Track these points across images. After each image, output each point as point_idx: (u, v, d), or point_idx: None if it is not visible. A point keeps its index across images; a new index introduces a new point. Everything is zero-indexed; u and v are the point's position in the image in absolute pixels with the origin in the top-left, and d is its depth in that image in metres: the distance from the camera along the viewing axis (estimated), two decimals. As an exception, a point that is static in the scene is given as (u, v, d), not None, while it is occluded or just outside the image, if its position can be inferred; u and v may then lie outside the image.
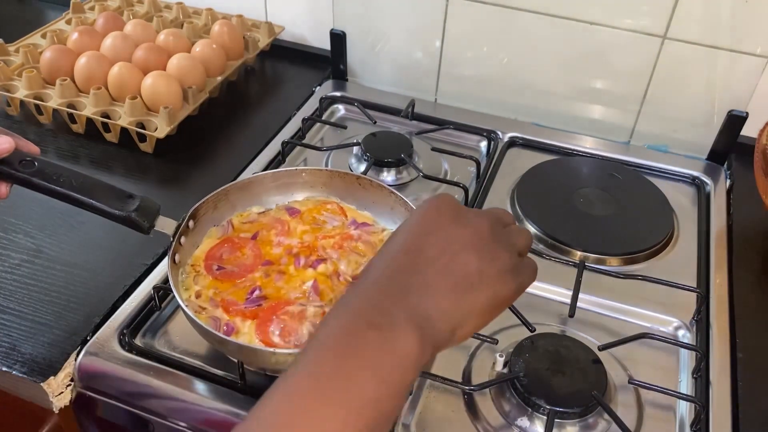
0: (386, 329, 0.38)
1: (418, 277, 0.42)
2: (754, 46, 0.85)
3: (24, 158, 0.59)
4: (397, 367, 0.37)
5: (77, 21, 1.07)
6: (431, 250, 0.43)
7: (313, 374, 0.36)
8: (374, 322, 0.38)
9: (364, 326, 0.38)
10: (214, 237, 0.70)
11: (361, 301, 0.40)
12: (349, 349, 0.37)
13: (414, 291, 0.41)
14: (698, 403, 0.60)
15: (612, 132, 0.98)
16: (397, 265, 0.43)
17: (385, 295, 0.41)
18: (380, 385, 0.37)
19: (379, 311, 0.39)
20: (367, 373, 0.37)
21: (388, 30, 1.02)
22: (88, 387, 0.64)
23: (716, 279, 0.75)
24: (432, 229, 0.45)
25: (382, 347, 0.38)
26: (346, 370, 0.36)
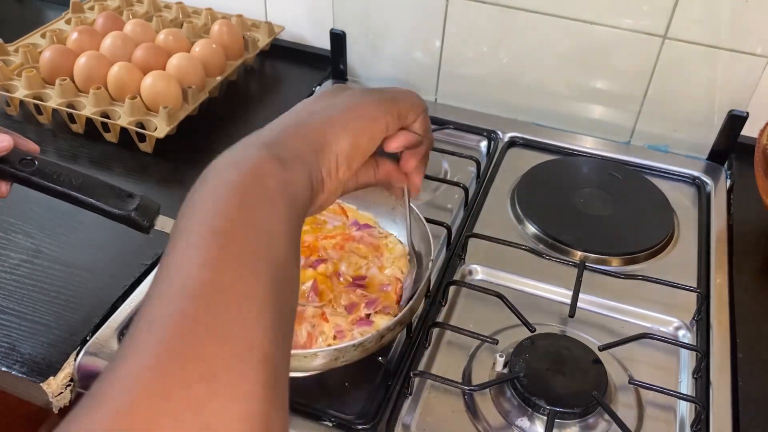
0: (286, 165, 0.40)
1: (294, 125, 0.45)
2: (754, 46, 0.85)
3: (24, 157, 0.59)
4: (289, 204, 0.38)
5: (77, 21, 1.07)
6: (315, 105, 0.47)
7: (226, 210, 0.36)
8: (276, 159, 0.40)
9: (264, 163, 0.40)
10: None
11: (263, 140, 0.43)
12: (240, 199, 0.37)
13: (294, 133, 0.44)
14: (698, 404, 0.60)
15: (612, 132, 0.98)
16: (282, 123, 0.46)
17: (279, 134, 0.44)
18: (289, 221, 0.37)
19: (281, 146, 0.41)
20: (281, 215, 0.37)
21: (388, 30, 1.02)
22: (88, 387, 0.64)
23: (716, 279, 0.75)
24: (324, 95, 0.48)
25: (278, 185, 0.38)
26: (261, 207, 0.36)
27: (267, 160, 0.39)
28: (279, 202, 0.37)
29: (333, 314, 0.63)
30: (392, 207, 0.72)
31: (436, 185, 0.87)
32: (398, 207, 0.71)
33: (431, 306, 0.70)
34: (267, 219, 0.36)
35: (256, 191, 0.37)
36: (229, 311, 0.30)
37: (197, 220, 0.35)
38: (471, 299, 0.72)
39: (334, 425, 0.59)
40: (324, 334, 0.61)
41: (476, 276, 0.76)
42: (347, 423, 0.59)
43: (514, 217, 0.83)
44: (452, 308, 0.71)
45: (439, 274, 0.74)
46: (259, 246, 0.34)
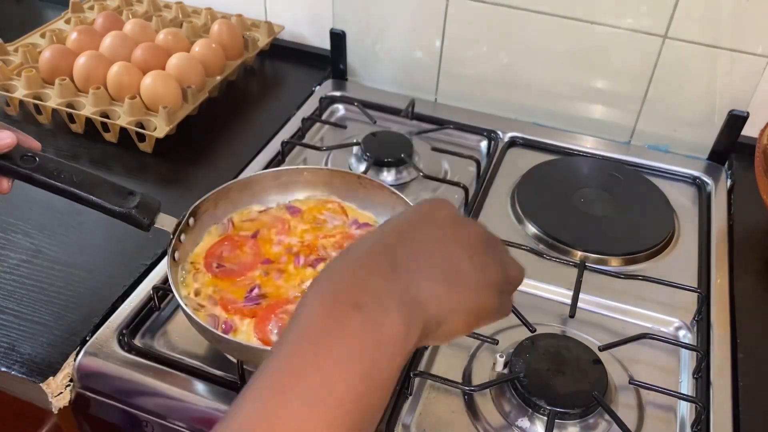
0: (372, 309, 0.34)
1: (409, 256, 0.38)
2: (754, 46, 0.85)
3: (25, 154, 0.59)
4: (383, 354, 0.34)
5: (76, 20, 1.07)
6: (424, 236, 0.40)
7: (288, 369, 0.33)
8: (358, 302, 0.34)
9: (347, 307, 0.34)
10: (215, 235, 0.70)
11: (344, 278, 0.36)
12: (328, 335, 0.33)
13: (404, 269, 0.37)
14: (699, 404, 0.60)
15: (612, 132, 0.98)
16: (386, 242, 0.39)
17: (372, 270, 0.36)
18: (364, 376, 0.33)
19: (363, 289, 0.35)
20: (350, 364, 0.33)
21: (388, 30, 1.02)
22: (87, 387, 0.64)
23: (717, 279, 0.75)
24: (427, 220, 0.41)
25: (367, 331, 0.34)
26: (325, 361, 0.32)
27: (401, 326, 0.35)
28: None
29: None
30: (392, 207, 0.72)
31: (436, 185, 0.87)
32: (398, 207, 0.72)
33: (431, 306, 0.70)
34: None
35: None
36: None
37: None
38: (471, 299, 0.72)
39: (334, 425, 0.59)
40: None
41: (476, 276, 0.76)
42: (347, 423, 0.59)
43: (514, 217, 0.83)
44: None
45: (439, 274, 0.73)
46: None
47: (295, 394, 0.32)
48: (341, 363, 0.33)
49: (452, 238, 0.41)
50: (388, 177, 0.88)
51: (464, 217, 0.45)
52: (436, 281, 0.38)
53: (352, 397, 0.32)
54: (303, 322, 0.34)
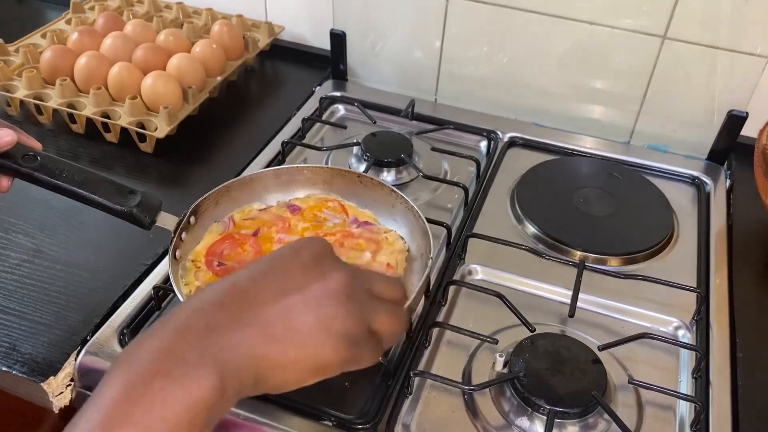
0: (176, 376, 0.36)
1: (234, 318, 0.39)
2: (754, 46, 0.85)
3: (27, 153, 0.59)
4: (183, 422, 0.35)
5: (77, 21, 1.07)
6: (265, 294, 0.40)
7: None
8: (162, 371, 0.36)
9: (151, 376, 0.35)
10: (215, 233, 0.70)
11: (156, 343, 0.37)
12: (127, 407, 0.34)
13: (223, 332, 0.38)
14: (698, 403, 0.60)
15: (612, 132, 0.98)
16: (219, 301, 0.40)
17: (187, 335, 0.38)
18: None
19: (172, 356, 0.37)
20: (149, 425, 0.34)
21: (388, 30, 1.02)
22: (88, 387, 0.64)
23: (716, 279, 0.75)
24: (278, 272, 0.42)
25: (168, 397, 0.35)
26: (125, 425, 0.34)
27: (209, 389, 0.36)
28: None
29: None
30: (392, 205, 0.72)
31: (436, 185, 0.87)
32: (398, 205, 0.72)
33: (431, 306, 0.70)
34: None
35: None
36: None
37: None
38: (471, 299, 0.72)
39: (334, 425, 0.59)
40: None
41: (476, 276, 0.76)
42: (347, 423, 0.59)
43: (514, 217, 0.83)
44: (452, 308, 0.72)
45: (439, 274, 0.74)
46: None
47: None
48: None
49: (301, 291, 0.41)
50: (388, 177, 0.88)
51: (331, 264, 0.43)
52: (255, 338, 0.39)
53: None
54: (103, 394, 0.35)
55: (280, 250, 0.44)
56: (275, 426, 0.59)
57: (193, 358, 0.37)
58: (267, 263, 0.43)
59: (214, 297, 0.40)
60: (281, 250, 0.44)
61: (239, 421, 0.59)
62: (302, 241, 0.44)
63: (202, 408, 0.36)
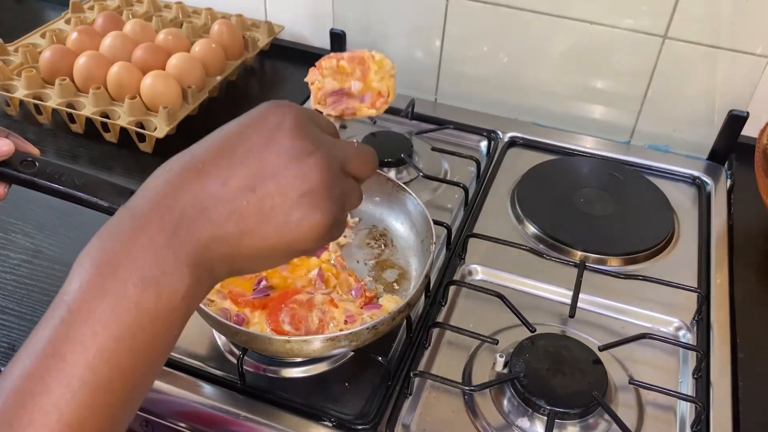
0: (146, 284, 0.34)
1: (202, 212, 0.36)
2: (754, 46, 0.85)
3: (25, 158, 0.59)
4: (157, 325, 0.34)
5: (76, 21, 1.07)
6: (232, 180, 0.37)
7: (50, 351, 0.33)
8: (132, 277, 0.34)
9: (119, 282, 0.34)
10: None
11: (123, 244, 0.36)
12: (95, 314, 0.33)
13: (194, 229, 0.36)
14: (699, 404, 0.60)
15: (612, 132, 0.98)
16: (180, 190, 0.38)
17: (155, 234, 0.36)
18: (136, 351, 0.34)
19: (141, 259, 0.35)
20: (117, 342, 0.33)
21: (388, 30, 1.02)
22: (88, 387, 0.64)
23: (717, 279, 0.75)
24: (245, 153, 0.38)
25: (139, 307, 0.34)
26: (92, 340, 0.33)
27: (186, 289, 0.35)
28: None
29: (341, 300, 0.63)
30: (388, 194, 0.74)
31: (436, 185, 0.87)
32: (395, 193, 0.73)
33: (431, 306, 0.70)
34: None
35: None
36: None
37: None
38: (471, 299, 0.72)
39: (334, 425, 0.59)
40: (335, 319, 0.62)
41: (476, 276, 0.76)
42: (347, 423, 0.59)
43: (514, 217, 0.83)
44: (452, 308, 0.71)
45: (439, 274, 0.74)
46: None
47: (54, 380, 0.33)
48: (110, 342, 0.33)
49: (277, 173, 0.38)
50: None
51: (309, 141, 0.39)
52: (230, 234, 0.37)
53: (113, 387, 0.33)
54: (70, 299, 0.34)
55: (244, 122, 0.41)
56: (275, 426, 0.59)
57: (165, 261, 0.35)
58: (228, 141, 0.40)
59: (175, 184, 0.38)
60: (246, 121, 0.41)
61: (239, 421, 0.59)
62: (270, 110, 0.40)
63: (176, 310, 0.35)
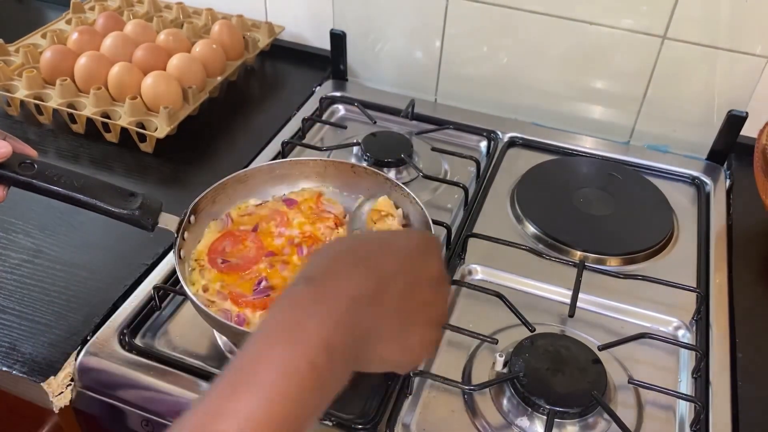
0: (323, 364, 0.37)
1: (360, 322, 0.40)
2: (753, 46, 0.85)
3: (23, 161, 0.59)
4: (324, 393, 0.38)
5: (77, 21, 1.07)
6: (389, 302, 0.42)
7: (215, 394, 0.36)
8: (314, 360, 0.37)
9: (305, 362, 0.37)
10: (215, 231, 0.70)
11: (308, 334, 0.38)
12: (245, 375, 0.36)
13: (353, 313, 0.39)
14: (698, 403, 0.60)
15: (612, 132, 0.98)
16: (356, 305, 0.40)
17: (333, 351, 0.38)
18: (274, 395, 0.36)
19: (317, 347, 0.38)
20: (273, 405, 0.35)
21: (388, 30, 1.02)
22: (88, 387, 0.64)
23: (716, 279, 0.75)
24: (407, 281, 0.43)
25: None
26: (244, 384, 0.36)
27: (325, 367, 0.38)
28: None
29: None
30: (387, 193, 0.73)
31: (436, 185, 0.87)
32: (393, 192, 0.73)
33: (431, 306, 0.70)
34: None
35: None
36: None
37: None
38: (471, 299, 0.72)
39: (334, 425, 0.59)
40: None
41: (476, 276, 0.76)
42: (347, 423, 0.59)
43: (513, 217, 0.83)
44: (452, 308, 0.72)
45: (439, 274, 0.74)
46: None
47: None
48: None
49: (419, 308, 0.44)
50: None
51: (442, 284, 0.46)
52: (384, 325, 0.42)
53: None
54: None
55: (406, 252, 0.45)
56: (275, 426, 0.59)
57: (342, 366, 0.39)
58: (397, 263, 0.43)
59: (352, 291, 0.41)
60: (407, 252, 0.45)
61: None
62: (429, 250, 0.46)
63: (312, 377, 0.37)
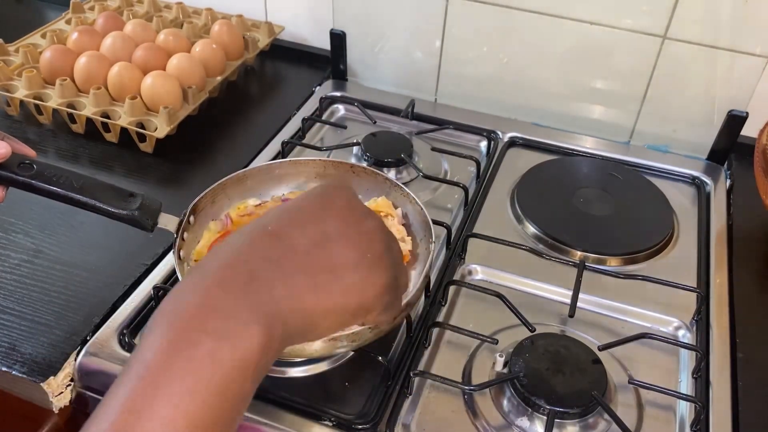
0: (221, 332, 0.34)
1: (275, 267, 0.37)
2: (754, 46, 0.85)
3: (22, 161, 0.59)
4: (238, 372, 0.34)
5: (77, 21, 1.07)
6: (302, 241, 0.39)
7: (128, 408, 0.32)
8: (206, 327, 0.34)
9: (193, 334, 0.33)
10: (214, 231, 0.70)
11: (192, 301, 0.35)
12: (169, 370, 0.33)
13: (264, 279, 0.36)
14: (698, 403, 0.60)
15: (612, 132, 0.98)
16: (252, 249, 0.38)
17: (224, 287, 0.36)
18: (214, 400, 0.33)
19: (212, 311, 0.34)
20: (195, 395, 0.32)
21: (388, 30, 1.02)
22: (88, 387, 0.64)
23: (716, 279, 0.75)
24: (312, 218, 0.40)
25: (215, 356, 0.33)
26: (165, 401, 0.32)
27: (256, 347, 0.34)
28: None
29: None
30: (386, 193, 0.73)
31: (436, 185, 0.87)
32: (393, 192, 0.73)
33: (431, 306, 0.70)
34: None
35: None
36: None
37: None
38: (471, 299, 0.72)
39: (334, 425, 0.59)
40: None
41: (476, 276, 0.76)
42: (347, 423, 0.59)
43: (514, 217, 0.83)
44: (452, 308, 0.72)
45: (439, 274, 0.74)
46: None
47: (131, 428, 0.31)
48: (185, 396, 0.32)
49: (342, 234, 0.40)
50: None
51: (364, 209, 0.43)
52: (302, 288, 0.37)
53: (196, 426, 0.32)
54: (145, 356, 0.33)
55: (305, 198, 0.42)
56: (275, 426, 0.59)
57: (240, 314, 0.35)
58: (295, 210, 0.41)
59: (247, 245, 0.38)
60: (307, 197, 0.42)
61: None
62: (328, 188, 0.43)
63: (250, 364, 0.34)
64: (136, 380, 0.33)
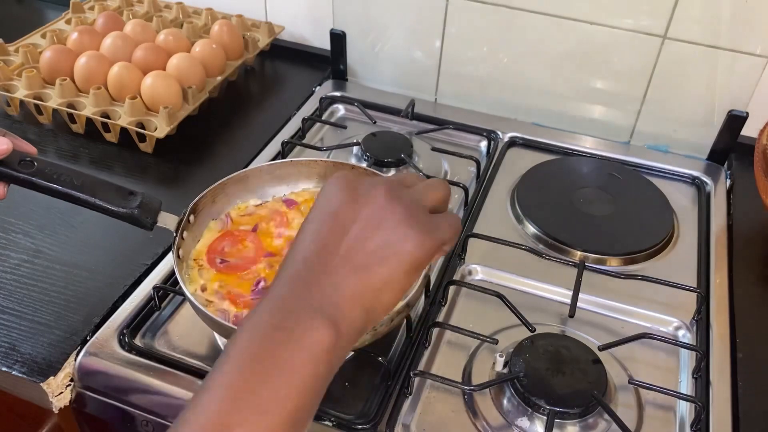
0: (292, 329, 0.39)
1: (322, 270, 0.42)
2: (754, 46, 0.85)
3: (23, 158, 0.59)
4: (307, 361, 0.38)
5: (77, 21, 1.07)
6: (333, 239, 0.43)
7: (227, 389, 0.37)
8: (280, 326, 0.39)
9: (271, 330, 0.39)
10: (214, 231, 0.70)
11: (268, 308, 0.41)
12: (258, 357, 0.38)
13: (317, 284, 0.41)
14: (698, 403, 0.60)
15: (612, 132, 0.98)
16: (302, 264, 0.43)
17: (290, 296, 0.41)
18: (292, 383, 0.38)
19: (283, 313, 0.40)
20: (278, 374, 0.38)
21: (388, 30, 1.02)
22: (88, 387, 0.64)
23: (716, 279, 0.75)
24: (329, 221, 0.44)
25: (289, 346, 0.39)
26: (257, 377, 0.38)
27: (324, 334, 0.39)
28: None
29: None
30: None
31: (436, 185, 0.86)
32: None
33: (431, 306, 0.70)
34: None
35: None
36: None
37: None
38: (471, 299, 0.72)
39: (334, 425, 0.59)
40: None
41: (476, 276, 0.76)
42: (347, 423, 0.59)
43: (514, 217, 0.83)
44: (452, 308, 0.72)
45: (439, 274, 0.74)
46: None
47: (234, 409, 0.37)
48: (269, 375, 0.38)
49: (357, 221, 0.44)
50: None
51: (363, 187, 0.45)
52: (348, 280, 0.42)
53: (282, 402, 0.37)
54: (234, 352, 0.39)
55: (315, 207, 0.46)
56: (275, 426, 0.59)
57: (304, 310, 0.40)
58: (315, 222, 0.45)
59: (294, 265, 0.43)
60: (316, 206, 0.46)
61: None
62: (328, 187, 0.46)
63: (322, 357, 0.39)
64: (230, 368, 0.38)
